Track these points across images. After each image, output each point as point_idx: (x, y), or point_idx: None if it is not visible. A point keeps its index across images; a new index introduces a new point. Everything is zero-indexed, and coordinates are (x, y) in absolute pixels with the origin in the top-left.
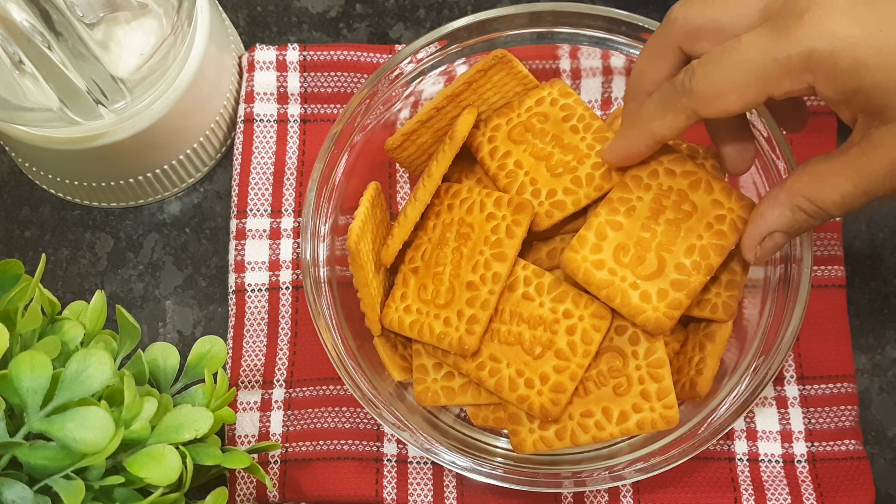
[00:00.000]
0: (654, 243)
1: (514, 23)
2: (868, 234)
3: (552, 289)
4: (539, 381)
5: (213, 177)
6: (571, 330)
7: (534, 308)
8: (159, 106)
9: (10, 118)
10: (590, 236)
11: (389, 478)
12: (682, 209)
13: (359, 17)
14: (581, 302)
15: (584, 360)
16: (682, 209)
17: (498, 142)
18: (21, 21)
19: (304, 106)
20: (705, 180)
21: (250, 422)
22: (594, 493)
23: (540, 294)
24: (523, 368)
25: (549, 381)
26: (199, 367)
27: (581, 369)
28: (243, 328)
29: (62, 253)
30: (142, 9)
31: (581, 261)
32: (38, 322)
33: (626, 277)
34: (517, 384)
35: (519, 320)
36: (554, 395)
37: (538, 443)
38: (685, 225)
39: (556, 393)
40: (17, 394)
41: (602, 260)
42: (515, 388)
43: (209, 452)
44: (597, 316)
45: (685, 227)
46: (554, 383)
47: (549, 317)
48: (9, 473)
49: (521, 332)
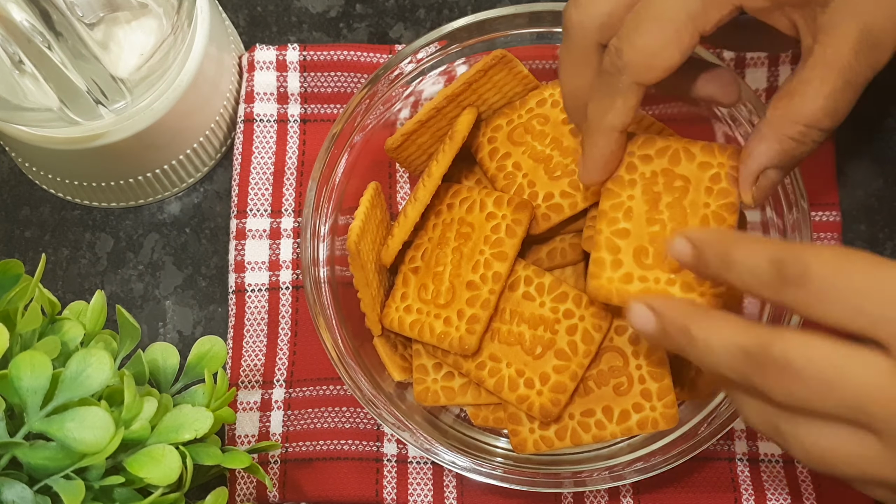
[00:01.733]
0: (668, 231)
1: (514, 23)
2: (868, 234)
3: (553, 289)
4: (539, 382)
5: (213, 177)
6: (572, 330)
7: (534, 308)
8: (159, 106)
9: (10, 118)
10: (604, 256)
11: (389, 478)
12: (675, 187)
13: (359, 17)
14: (582, 302)
15: (585, 361)
16: (676, 187)
17: (498, 143)
18: (21, 21)
19: (304, 106)
20: (682, 149)
21: (250, 422)
22: (594, 493)
23: (541, 294)
24: (523, 368)
25: (549, 381)
26: (199, 367)
27: (581, 369)
28: (243, 328)
29: (62, 253)
30: (142, 9)
31: (608, 283)
32: (38, 322)
33: (659, 278)
34: (517, 384)
35: (519, 320)
36: (554, 395)
37: (539, 442)
38: (686, 201)
39: (556, 393)
40: (17, 394)
41: (629, 273)
42: (515, 388)
43: (209, 452)
44: (597, 316)
45: (687, 202)
46: (554, 383)
47: (549, 317)
48: (9, 473)
49: (521, 331)
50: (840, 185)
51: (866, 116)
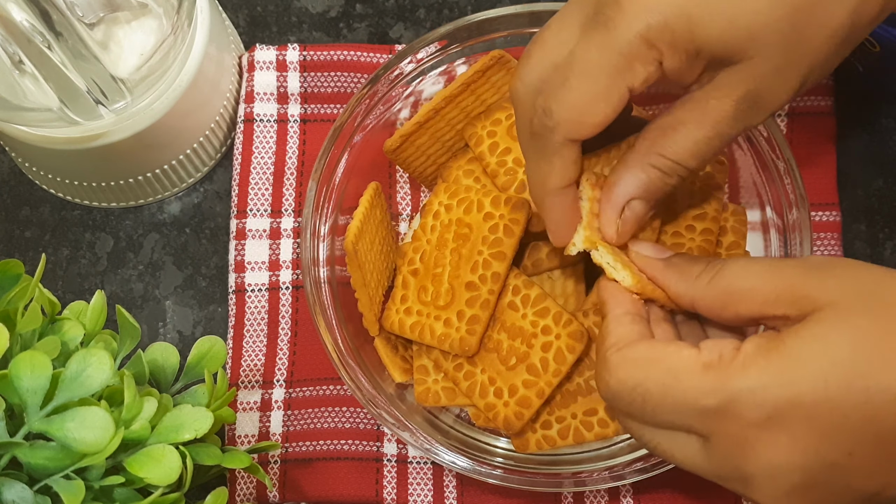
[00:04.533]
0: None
1: (514, 23)
2: (868, 234)
3: (537, 302)
4: (508, 393)
5: (213, 177)
6: (547, 347)
7: (516, 318)
8: (159, 106)
9: (10, 118)
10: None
11: (389, 478)
12: (460, 234)
13: (359, 17)
14: (561, 320)
15: (554, 380)
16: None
17: (498, 137)
18: (21, 21)
19: (304, 106)
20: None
21: (250, 422)
22: (594, 493)
23: (525, 305)
24: (496, 377)
25: (517, 394)
26: (199, 367)
27: (549, 387)
28: (243, 328)
29: (62, 253)
30: (142, 9)
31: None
32: (38, 322)
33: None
34: (488, 391)
35: (501, 328)
36: (518, 409)
37: (541, 442)
38: (465, 248)
39: (521, 407)
40: (17, 394)
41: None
42: (486, 395)
43: (209, 452)
44: (573, 337)
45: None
46: (521, 397)
47: (528, 330)
48: (9, 473)
49: (500, 339)
50: (840, 185)
51: (866, 116)
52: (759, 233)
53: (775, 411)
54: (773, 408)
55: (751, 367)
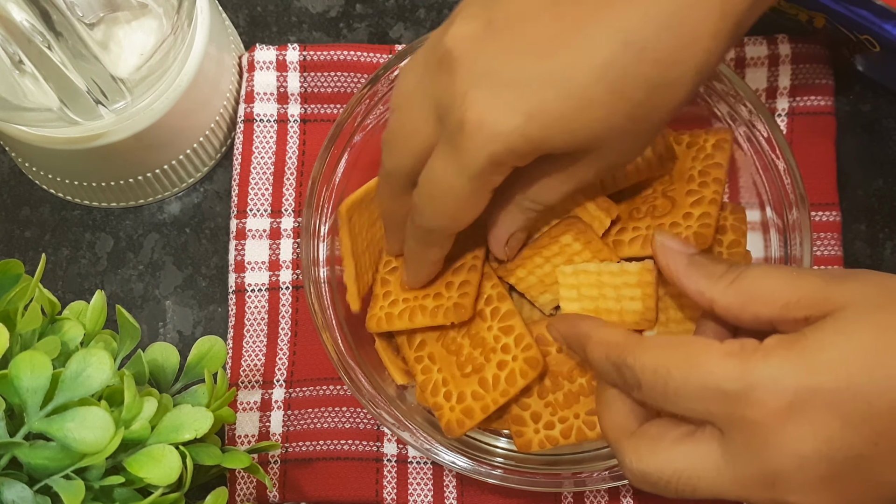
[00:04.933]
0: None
1: None
2: (868, 234)
3: (505, 318)
4: (456, 398)
5: (213, 177)
6: (502, 365)
7: (481, 328)
8: (159, 106)
9: (10, 118)
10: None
11: (389, 478)
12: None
13: (359, 17)
14: (522, 343)
15: (501, 399)
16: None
17: None
18: (21, 21)
19: (304, 106)
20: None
21: (250, 422)
22: (594, 493)
23: (493, 317)
24: (449, 379)
25: (464, 402)
26: (199, 367)
27: (495, 405)
28: (243, 328)
29: (62, 253)
30: (142, 9)
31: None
32: (38, 322)
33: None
34: (439, 391)
35: (466, 333)
36: (462, 417)
37: (544, 441)
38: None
39: (464, 416)
40: (17, 394)
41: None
42: (436, 394)
43: (209, 452)
44: (528, 363)
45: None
46: (466, 407)
47: (490, 343)
48: (9, 473)
49: (462, 344)
50: (840, 185)
51: (866, 116)
52: (759, 233)
53: (797, 399)
54: (794, 395)
55: (772, 357)
